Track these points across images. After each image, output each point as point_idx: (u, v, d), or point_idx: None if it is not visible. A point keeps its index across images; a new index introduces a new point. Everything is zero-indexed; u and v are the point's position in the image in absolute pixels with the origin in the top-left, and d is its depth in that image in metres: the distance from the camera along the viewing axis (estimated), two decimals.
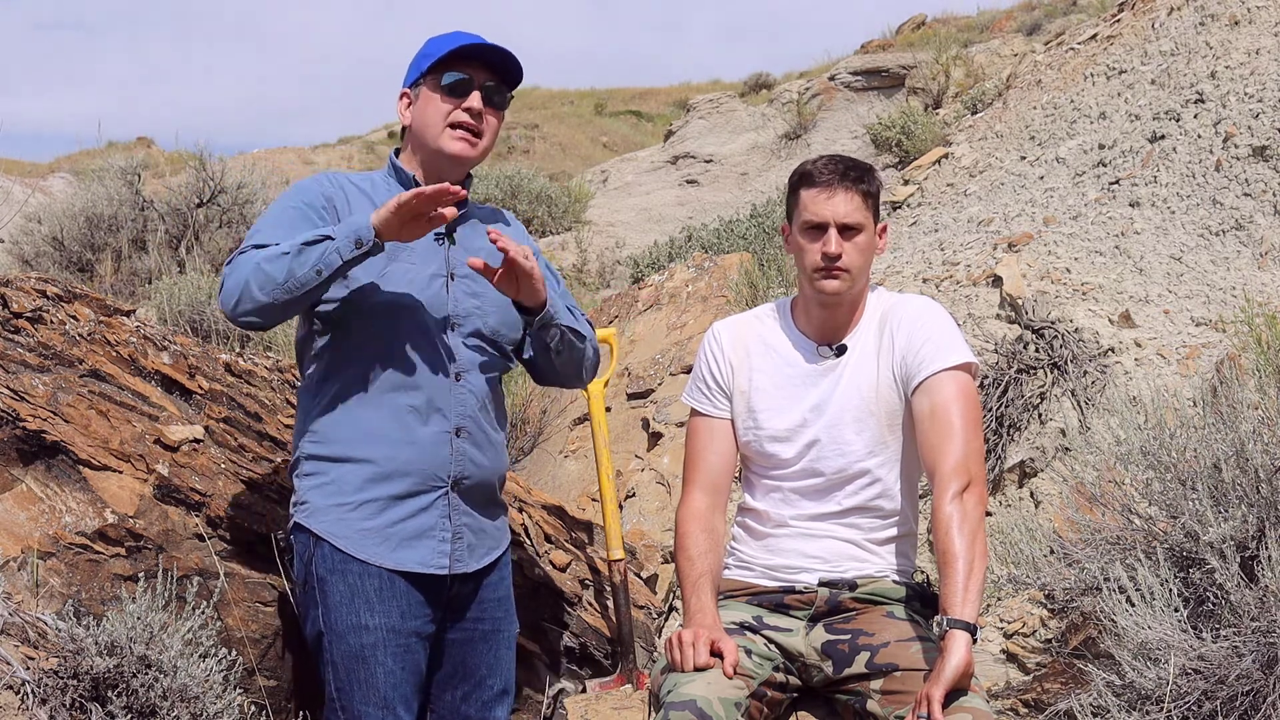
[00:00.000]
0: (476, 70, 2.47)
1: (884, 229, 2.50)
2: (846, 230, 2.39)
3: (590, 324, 2.74)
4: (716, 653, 2.23)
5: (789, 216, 2.50)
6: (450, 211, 2.29)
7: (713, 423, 2.53)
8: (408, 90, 2.52)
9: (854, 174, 2.42)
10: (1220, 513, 2.62)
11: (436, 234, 2.49)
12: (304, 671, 2.74)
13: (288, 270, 2.26)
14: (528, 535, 3.38)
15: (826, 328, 2.48)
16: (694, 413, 2.57)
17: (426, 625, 2.45)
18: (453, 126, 2.45)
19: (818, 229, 2.40)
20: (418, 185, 2.48)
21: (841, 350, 2.46)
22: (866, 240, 2.42)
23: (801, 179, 2.45)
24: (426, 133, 2.48)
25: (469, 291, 2.50)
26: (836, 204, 2.39)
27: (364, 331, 2.42)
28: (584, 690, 3.31)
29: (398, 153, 2.58)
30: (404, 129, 2.56)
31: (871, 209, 2.43)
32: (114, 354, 2.81)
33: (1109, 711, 2.46)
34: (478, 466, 2.49)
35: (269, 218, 2.44)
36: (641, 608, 3.55)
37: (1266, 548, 2.46)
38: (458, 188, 2.27)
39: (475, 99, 2.45)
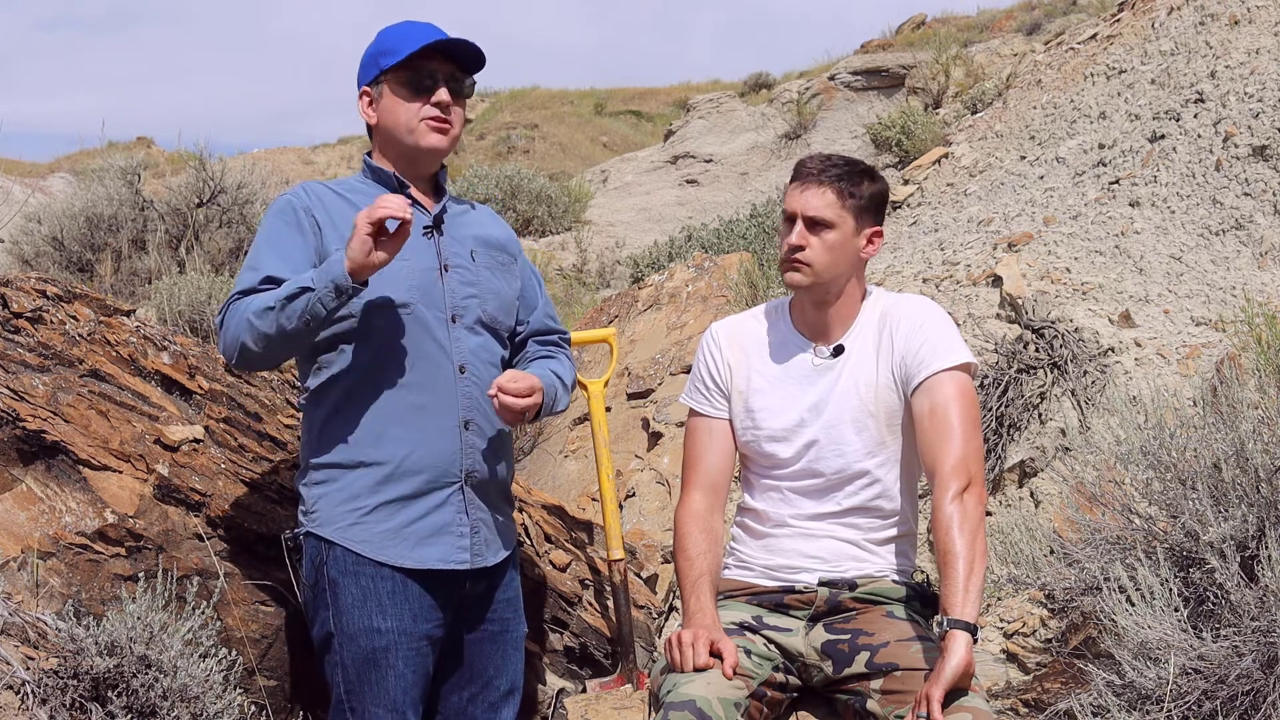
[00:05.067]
0: (439, 63, 2.45)
1: (875, 234, 2.45)
2: (814, 225, 2.39)
3: (568, 342, 2.76)
4: (716, 653, 2.23)
5: None
6: (408, 215, 2.27)
7: (711, 423, 2.53)
8: (368, 88, 2.50)
9: (835, 172, 2.40)
10: (1220, 513, 2.62)
11: (425, 228, 2.49)
12: (304, 671, 2.74)
13: (276, 325, 2.28)
14: (528, 535, 3.38)
15: (818, 326, 2.48)
16: (692, 413, 2.57)
17: (437, 629, 2.45)
18: (425, 121, 2.45)
19: (790, 221, 2.42)
20: (399, 180, 2.49)
21: (839, 350, 2.46)
22: (838, 239, 2.39)
23: (792, 172, 2.47)
24: (398, 131, 2.47)
25: (465, 280, 2.50)
26: (807, 197, 2.39)
27: (365, 336, 2.41)
28: (584, 690, 3.31)
29: (370, 154, 2.56)
30: (370, 127, 2.54)
31: (851, 210, 2.39)
32: (114, 354, 2.81)
33: (1109, 711, 2.46)
34: (487, 460, 2.49)
35: (260, 244, 2.43)
36: (641, 608, 3.55)
37: (1266, 547, 2.46)
38: (407, 214, 2.26)
39: (443, 93, 2.45)
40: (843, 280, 2.44)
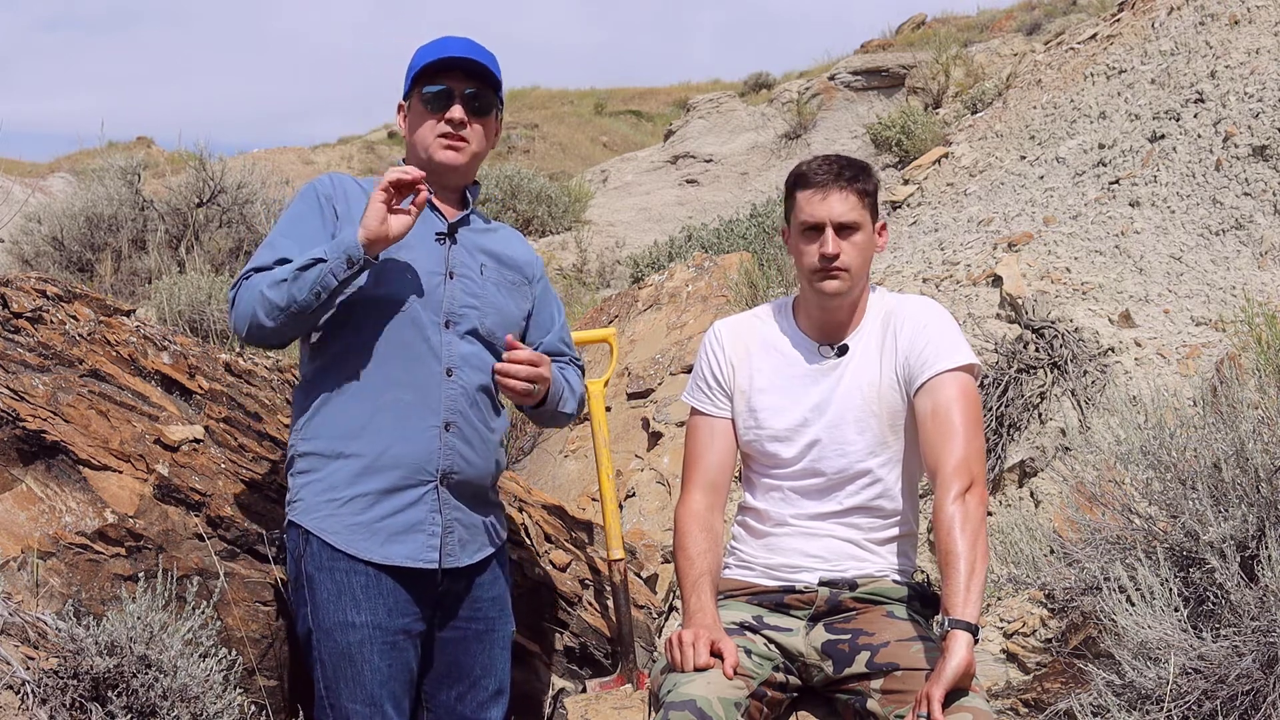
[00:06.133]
0: (456, 80, 2.51)
1: (883, 227, 2.50)
2: (843, 230, 2.40)
3: (581, 369, 2.79)
4: (716, 653, 2.23)
5: (786, 219, 2.50)
6: (421, 196, 2.35)
7: (713, 422, 2.53)
8: (403, 103, 2.59)
9: (848, 173, 2.41)
10: (1220, 512, 2.62)
11: (438, 233, 2.52)
12: (304, 671, 2.74)
13: (289, 296, 2.33)
14: (528, 535, 3.38)
15: (827, 327, 2.48)
16: (694, 412, 2.57)
17: (415, 623, 2.46)
18: (440, 137, 2.51)
19: (815, 230, 2.41)
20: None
21: (843, 350, 2.46)
22: (865, 239, 2.42)
23: (797, 181, 2.45)
24: (418, 146, 2.54)
25: (468, 291, 2.53)
26: (832, 204, 2.39)
27: (358, 328, 2.45)
28: (584, 690, 3.31)
29: (403, 162, 2.63)
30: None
31: (868, 207, 2.43)
32: (114, 354, 2.81)
33: (1109, 711, 2.46)
34: (467, 462, 2.50)
35: (281, 224, 2.50)
36: (641, 608, 3.55)
37: (1266, 547, 2.46)
38: (418, 173, 2.34)
39: (456, 110, 2.50)
40: (865, 278, 2.47)
